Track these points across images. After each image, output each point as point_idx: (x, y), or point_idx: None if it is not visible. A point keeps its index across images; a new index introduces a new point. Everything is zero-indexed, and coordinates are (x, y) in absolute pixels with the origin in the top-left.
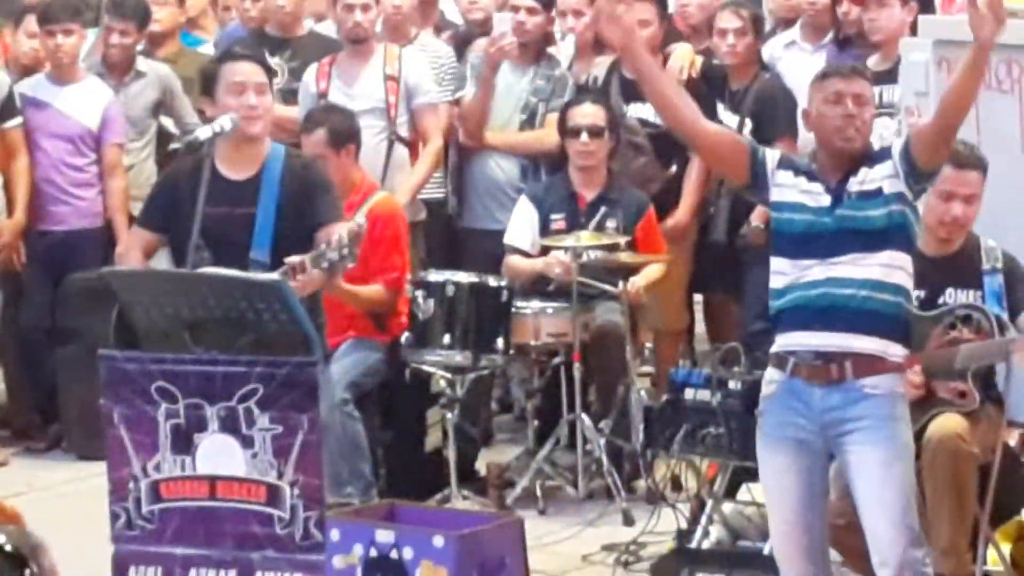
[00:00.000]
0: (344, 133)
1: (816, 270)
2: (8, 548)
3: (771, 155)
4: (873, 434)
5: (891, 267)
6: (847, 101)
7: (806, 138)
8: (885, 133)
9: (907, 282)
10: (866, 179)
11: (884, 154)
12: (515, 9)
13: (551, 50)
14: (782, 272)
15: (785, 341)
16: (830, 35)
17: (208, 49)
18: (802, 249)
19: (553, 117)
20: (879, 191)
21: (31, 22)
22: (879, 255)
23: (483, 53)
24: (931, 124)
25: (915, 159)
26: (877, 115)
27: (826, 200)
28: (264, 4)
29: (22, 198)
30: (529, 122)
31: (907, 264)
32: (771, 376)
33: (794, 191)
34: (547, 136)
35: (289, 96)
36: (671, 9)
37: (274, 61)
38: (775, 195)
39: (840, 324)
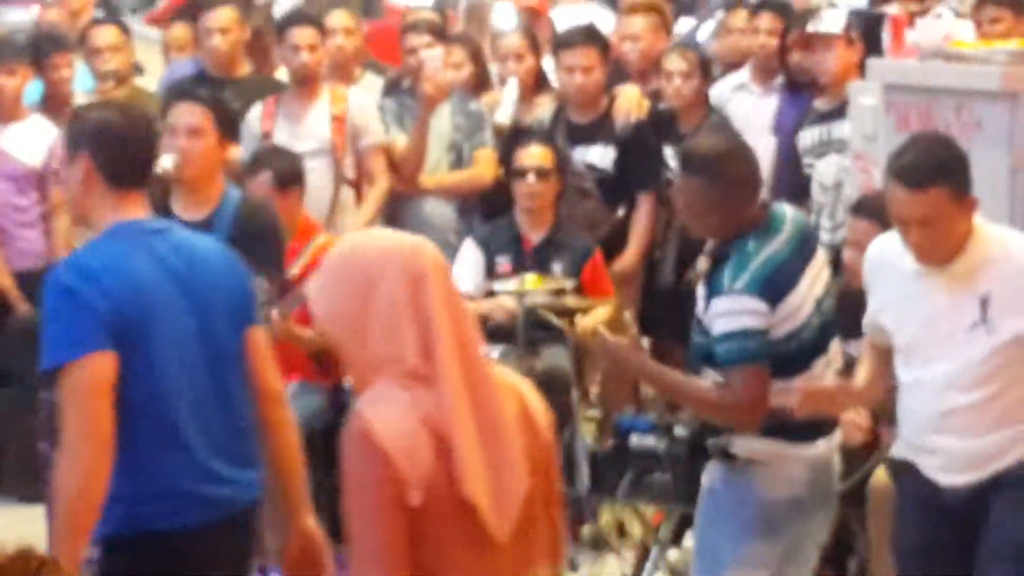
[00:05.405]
0: (289, 176)
1: None
2: None
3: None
4: None
5: None
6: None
7: None
8: (834, 171)
9: None
10: None
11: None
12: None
13: (494, 94)
14: None
15: None
16: (781, 78)
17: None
18: None
19: (480, 154)
20: None
21: None
22: None
23: (419, 94)
24: None
25: None
26: (826, 153)
27: None
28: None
29: None
30: (457, 161)
31: None
32: None
33: None
34: (482, 174)
35: None
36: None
37: None
38: None
39: None
